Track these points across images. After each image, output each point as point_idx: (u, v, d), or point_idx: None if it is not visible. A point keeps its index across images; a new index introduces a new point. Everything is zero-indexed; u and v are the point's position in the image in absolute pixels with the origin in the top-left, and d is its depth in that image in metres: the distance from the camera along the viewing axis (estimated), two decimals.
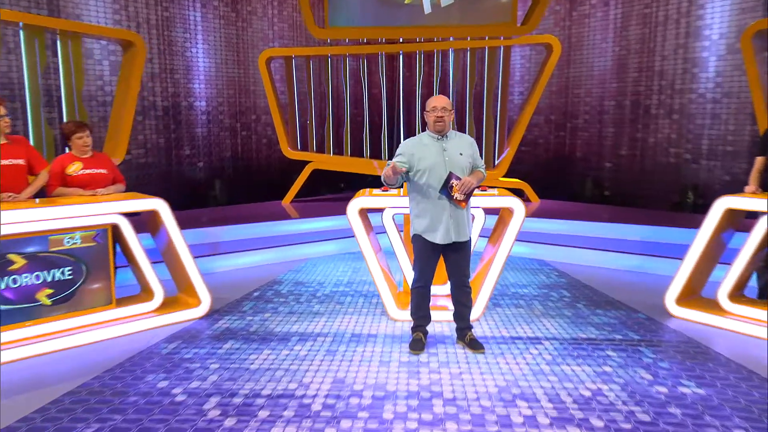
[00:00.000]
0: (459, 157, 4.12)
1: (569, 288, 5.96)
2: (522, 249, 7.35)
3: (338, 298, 5.66)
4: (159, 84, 9.41)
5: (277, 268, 6.79)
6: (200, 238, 7.20)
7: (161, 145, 9.52)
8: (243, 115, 10.63)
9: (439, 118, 4.11)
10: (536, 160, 11.21)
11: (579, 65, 10.56)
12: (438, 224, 4.10)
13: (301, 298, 5.66)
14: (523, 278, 6.35)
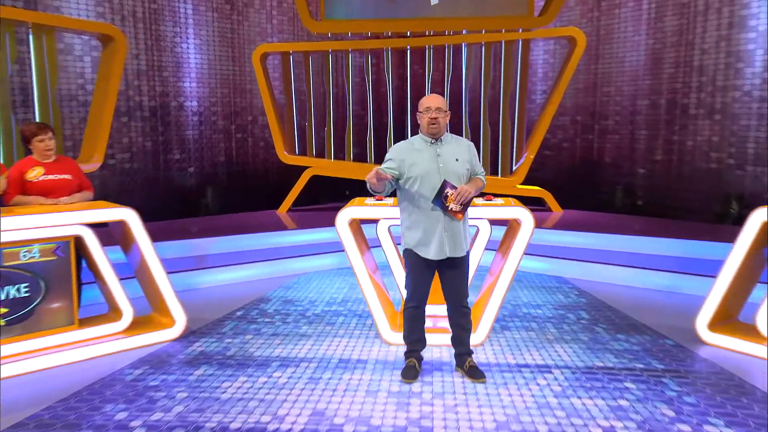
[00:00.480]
0: (455, 164, 4.02)
1: (589, 309, 5.82)
2: (539, 264, 7.23)
3: (329, 318, 5.59)
4: (146, 82, 9.44)
5: (266, 284, 6.74)
6: (185, 250, 7.17)
7: (148, 148, 9.53)
8: (238, 117, 10.61)
9: (433, 120, 4.01)
10: (560, 165, 11.05)
11: (608, 60, 10.40)
12: (431, 238, 4.00)
13: (289, 318, 5.59)
14: (538, 297, 6.23)
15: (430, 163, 4.01)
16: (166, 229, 8.15)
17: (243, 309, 5.87)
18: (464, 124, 9.52)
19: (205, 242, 7.32)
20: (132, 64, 9.24)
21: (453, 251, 4.01)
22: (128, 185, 9.27)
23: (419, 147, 4.07)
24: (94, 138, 7.18)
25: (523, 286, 6.68)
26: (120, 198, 9.05)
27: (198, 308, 5.89)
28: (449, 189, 3.89)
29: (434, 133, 4.05)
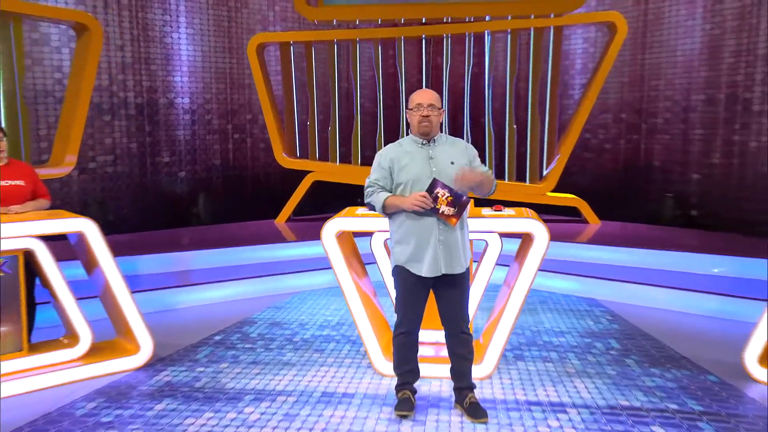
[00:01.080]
0: (450, 167, 3.92)
1: (621, 337, 5.66)
2: (568, 284, 7.12)
3: (319, 344, 5.51)
4: (132, 76, 9.48)
5: (254, 304, 6.71)
6: (167, 265, 7.17)
7: (133, 150, 9.56)
8: (235, 115, 10.61)
9: (424, 119, 3.93)
10: (601, 170, 10.82)
11: (658, 49, 10.16)
12: (424, 251, 3.90)
13: (273, 343, 5.53)
14: (563, 322, 6.10)
15: (421, 167, 3.91)
16: (149, 240, 8.17)
17: (223, 333, 5.82)
18: (487, 123, 9.37)
19: (190, 256, 7.32)
20: (116, 57, 9.30)
21: (449, 267, 3.91)
22: (111, 191, 9.31)
23: (409, 149, 3.99)
24: (67, 138, 7.21)
25: (547, 308, 6.55)
26: (102, 206, 9.10)
27: (173, 331, 5.86)
28: (440, 189, 3.77)
29: (425, 133, 3.96)
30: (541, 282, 7.24)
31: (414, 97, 3.99)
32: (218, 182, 10.46)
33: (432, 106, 3.93)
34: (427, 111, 3.92)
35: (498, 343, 4.70)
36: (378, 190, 3.98)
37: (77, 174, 9.00)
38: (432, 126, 3.94)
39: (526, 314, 6.33)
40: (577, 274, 7.09)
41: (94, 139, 9.17)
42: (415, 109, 3.95)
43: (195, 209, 9.83)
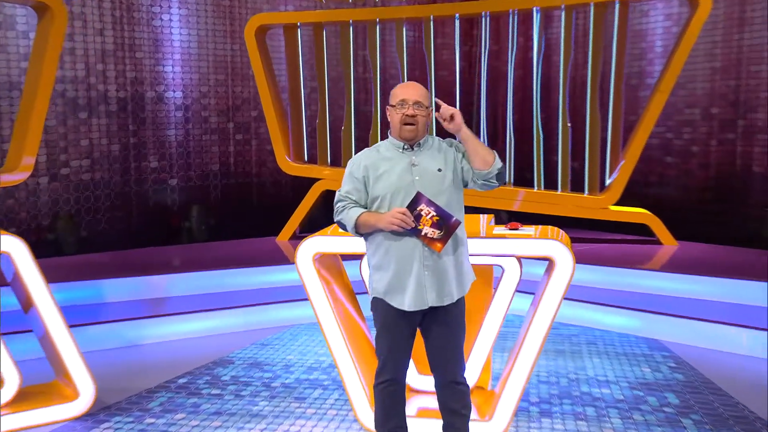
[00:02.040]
0: (437, 177, 3.78)
1: (683, 390, 5.46)
2: (627, 321, 6.96)
3: (301, 391, 5.45)
4: (113, 66, 9.59)
5: (235, 340, 6.69)
6: (135, 291, 7.19)
7: (115, 154, 9.65)
8: (238, 112, 10.62)
9: (409, 119, 3.78)
10: (685, 178, 10.48)
11: (759, 27, 9.81)
12: (405, 280, 3.78)
13: (246, 389, 5.49)
14: (612, 369, 5.93)
15: (401, 177, 3.79)
16: (126, 261, 8.22)
17: (190, 375, 5.80)
18: (535, 121, 9.17)
19: (164, 281, 7.34)
20: (95, 43, 9.42)
21: (438, 298, 3.78)
22: (86, 202, 9.40)
23: (388, 154, 3.87)
24: (24, 136, 7.26)
25: (595, 351, 6.37)
26: (74, 220, 9.19)
27: (130, 372, 5.87)
28: (424, 205, 3.61)
29: (410, 137, 3.81)
30: (592, 317, 7.11)
31: (396, 91, 3.87)
32: (216, 192, 10.47)
33: (418, 104, 3.79)
34: (413, 110, 3.78)
35: (512, 393, 4.56)
36: (350, 205, 3.86)
37: (47, 181, 9.12)
38: (418, 130, 3.80)
39: (567, 358, 6.18)
40: (638, 309, 6.92)
41: (67, 140, 9.28)
42: (397, 107, 3.81)
43: (187, 224, 9.85)
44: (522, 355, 4.52)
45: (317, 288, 4.70)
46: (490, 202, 8.85)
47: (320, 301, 4.71)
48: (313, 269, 4.68)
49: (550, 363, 6.01)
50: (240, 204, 10.64)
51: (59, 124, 9.20)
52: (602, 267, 7.68)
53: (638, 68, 10.84)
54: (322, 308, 4.71)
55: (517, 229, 4.67)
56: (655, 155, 10.59)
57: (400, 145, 3.84)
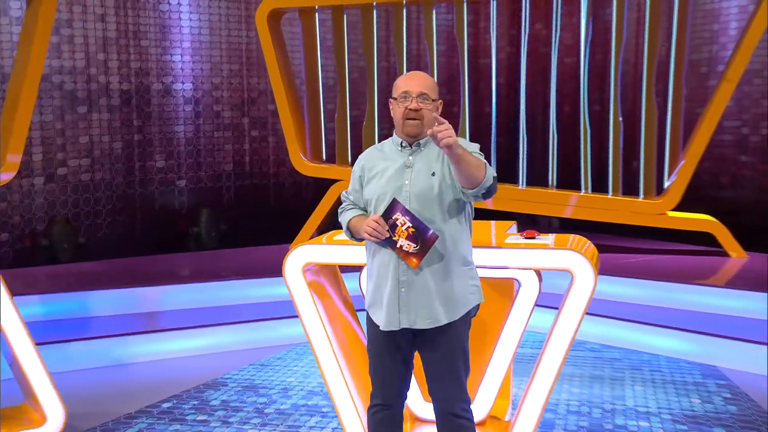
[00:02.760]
0: (429, 182, 3.68)
1: (735, 425, 5.31)
2: (680, 344, 6.81)
3: (297, 418, 5.42)
4: (116, 56, 9.70)
5: (233, 360, 6.70)
6: (128, 304, 7.25)
7: (117, 152, 9.76)
8: (254, 105, 10.66)
9: (412, 113, 3.69)
10: (762, 180, 10.22)
11: None
12: (381, 295, 3.75)
13: (236, 415, 5.47)
14: (656, 399, 5.78)
15: (391, 180, 3.71)
16: (124, 269, 8.32)
17: (177, 398, 5.81)
18: (582, 115, 9.02)
19: (158, 293, 7.39)
20: (95, 30, 9.53)
21: (414, 320, 3.69)
22: (86, 205, 9.51)
23: (390, 155, 3.80)
24: (8, 134, 7.37)
25: (640, 378, 6.23)
26: (71, 224, 9.31)
27: (114, 394, 5.92)
28: (399, 215, 3.53)
29: (413, 133, 3.72)
30: (640, 339, 6.97)
31: (399, 82, 3.77)
32: (229, 194, 10.53)
33: (424, 96, 3.69)
34: (418, 103, 3.68)
35: (526, 424, 4.44)
36: (348, 206, 3.88)
37: (43, 182, 9.25)
38: (423, 124, 3.70)
39: (605, 385, 6.05)
40: (693, 331, 6.76)
41: (65, 137, 9.41)
42: (399, 100, 3.72)
43: (195, 230, 9.91)
44: (537, 382, 4.41)
45: (307, 303, 4.64)
46: (530, 207, 8.76)
47: (311, 317, 4.65)
48: (303, 282, 4.64)
49: (584, 391, 5.89)
50: (255, 208, 10.66)
51: (56, 119, 9.33)
52: (654, 281, 7.55)
53: (708, 54, 10.62)
54: (313, 326, 4.65)
55: (533, 238, 4.56)
56: (728, 153, 10.36)
57: (399, 142, 3.77)
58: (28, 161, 9.12)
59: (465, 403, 3.83)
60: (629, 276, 7.71)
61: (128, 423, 5.33)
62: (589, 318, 7.14)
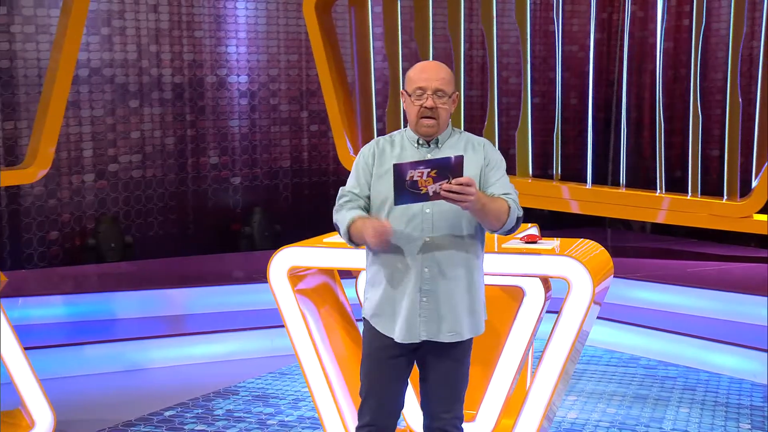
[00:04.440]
0: None
1: None
2: (744, 363, 6.57)
3: (299, 431, 5.45)
4: (168, 48, 9.85)
5: (252, 367, 6.75)
6: (157, 307, 7.38)
7: (169, 148, 9.92)
8: (314, 98, 10.66)
9: (428, 112, 3.58)
10: None
11: None
12: (397, 304, 3.62)
13: (235, 427, 5.51)
14: (698, 421, 5.62)
15: None
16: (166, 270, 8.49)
17: (182, 406, 5.89)
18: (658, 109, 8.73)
19: (184, 295, 7.54)
20: (147, 21, 9.70)
21: (434, 331, 3.60)
22: (137, 203, 9.70)
23: (404, 152, 3.65)
24: (40, 130, 7.58)
25: (688, 399, 6.05)
26: (124, 221, 9.51)
27: (120, 400, 6.03)
28: (411, 171, 3.34)
29: (428, 134, 3.62)
30: (701, 356, 6.77)
31: (412, 75, 3.64)
32: (286, 192, 10.57)
33: (440, 92, 3.56)
34: (433, 100, 3.56)
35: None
36: (349, 204, 3.67)
37: (93, 179, 9.47)
38: (439, 126, 3.61)
39: (647, 405, 5.89)
40: (762, 349, 6.45)
41: (116, 132, 9.60)
42: (413, 96, 3.60)
43: (248, 230, 9.98)
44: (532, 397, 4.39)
45: (293, 311, 4.62)
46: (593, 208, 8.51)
47: (297, 327, 4.63)
48: (288, 287, 4.62)
49: (620, 411, 5.71)
50: (314, 207, 10.64)
51: (107, 114, 9.51)
52: (724, 292, 7.26)
53: None
54: (299, 336, 4.64)
55: (534, 242, 4.46)
56: None
57: (415, 138, 3.65)
58: (78, 157, 9.36)
59: (460, 421, 3.78)
60: (697, 286, 7.43)
61: (129, 428, 5.44)
62: (647, 332, 7.03)
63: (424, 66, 3.66)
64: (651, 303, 7.53)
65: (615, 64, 11.41)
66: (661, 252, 9.47)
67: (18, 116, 8.94)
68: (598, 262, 4.33)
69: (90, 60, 9.35)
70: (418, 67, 3.66)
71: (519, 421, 4.39)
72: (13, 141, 8.90)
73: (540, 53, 11.40)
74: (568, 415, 5.63)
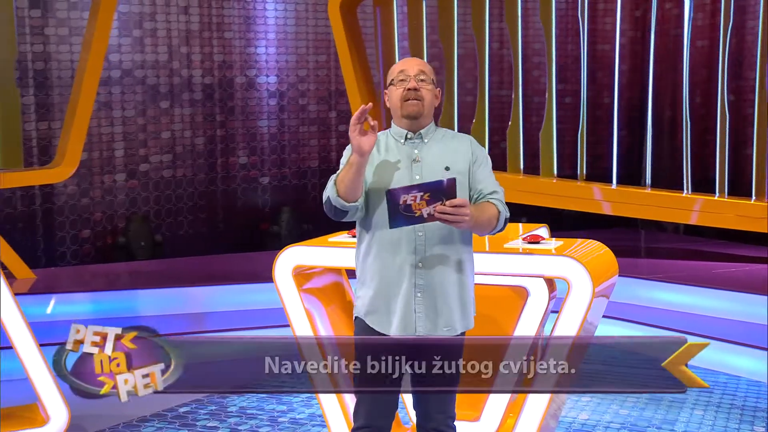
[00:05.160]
0: (443, 175, 3.54)
1: None
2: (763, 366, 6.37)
3: (308, 429, 5.48)
4: (198, 49, 9.95)
5: None
6: (179, 304, 7.42)
7: (199, 148, 10.01)
8: (342, 98, 10.69)
9: (413, 93, 3.56)
10: None
11: None
12: (391, 301, 3.62)
13: (246, 424, 5.56)
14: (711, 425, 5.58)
15: (401, 174, 3.57)
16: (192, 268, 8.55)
17: (198, 402, 5.92)
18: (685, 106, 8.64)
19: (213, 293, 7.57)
20: (178, 23, 9.81)
21: (430, 326, 3.60)
22: (168, 202, 9.81)
23: (391, 151, 3.65)
24: (68, 132, 7.71)
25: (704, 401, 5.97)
26: (155, 220, 9.61)
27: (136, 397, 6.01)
28: (404, 195, 3.35)
29: (413, 115, 3.57)
30: (720, 359, 6.56)
31: (394, 67, 3.69)
32: (314, 192, 10.62)
33: (423, 74, 3.59)
34: (416, 82, 3.57)
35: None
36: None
37: (124, 179, 9.60)
38: (423, 106, 3.57)
39: (661, 407, 5.81)
40: None
41: (146, 132, 9.72)
42: (396, 82, 3.61)
43: (276, 229, 10.04)
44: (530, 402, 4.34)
45: (297, 310, 4.65)
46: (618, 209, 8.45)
47: (301, 325, 4.66)
48: (292, 286, 4.64)
49: (633, 413, 5.66)
50: None
51: (138, 114, 9.64)
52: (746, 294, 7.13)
53: None
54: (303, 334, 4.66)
55: (537, 243, 4.43)
56: None
57: (402, 134, 3.63)
58: (110, 157, 9.50)
59: (452, 420, 3.78)
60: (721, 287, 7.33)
61: (138, 426, 5.49)
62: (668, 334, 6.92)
63: (404, 59, 3.73)
64: (673, 304, 7.43)
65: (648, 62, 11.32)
66: (690, 253, 9.36)
67: (52, 117, 9.08)
68: (600, 263, 4.30)
69: (122, 62, 9.48)
70: (398, 62, 3.75)
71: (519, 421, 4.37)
72: (47, 141, 9.03)
73: (572, 52, 11.27)
74: (579, 416, 5.60)
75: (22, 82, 8.89)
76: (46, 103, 9.11)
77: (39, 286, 7.56)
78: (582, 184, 8.77)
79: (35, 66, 9.05)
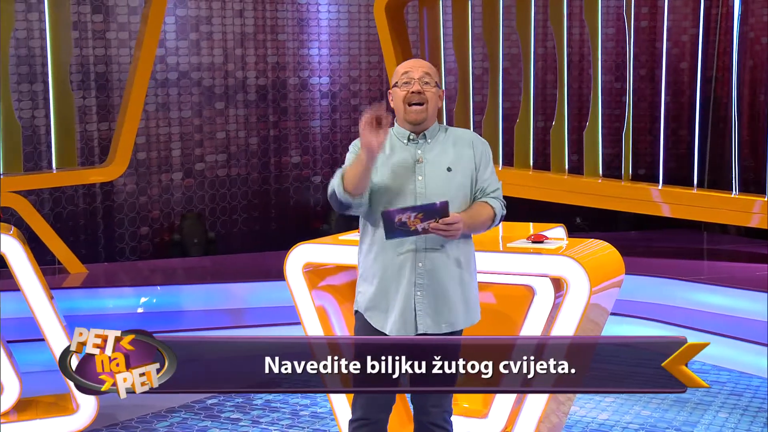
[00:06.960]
0: (444, 178, 3.58)
1: None
2: None
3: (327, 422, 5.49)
4: (253, 51, 10.08)
5: None
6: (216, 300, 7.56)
7: (253, 147, 10.15)
8: None
9: (416, 97, 3.59)
10: None
11: None
12: (391, 299, 3.65)
13: (270, 416, 5.64)
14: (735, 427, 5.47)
15: (404, 175, 3.60)
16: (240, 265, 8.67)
17: (225, 395, 5.97)
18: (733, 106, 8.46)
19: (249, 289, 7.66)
20: (233, 26, 9.95)
21: (433, 323, 3.62)
22: (222, 201, 9.97)
23: (395, 150, 3.66)
24: (119, 132, 7.90)
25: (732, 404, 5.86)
26: (209, 218, 9.79)
27: None
28: (399, 215, 3.40)
29: (417, 121, 3.60)
30: (754, 362, 6.47)
31: (398, 69, 3.71)
32: None
33: (427, 76, 3.61)
34: (420, 85, 3.59)
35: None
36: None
37: (181, 177, 9.79)
38: (427, 109, 3.59)
39: (684, 409, 5.71)
40: None
41: (202, 132, 9.89)
42: (400, 84, 3.63)
43: (326, 227, 10.12)
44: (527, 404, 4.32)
45: (307, 307, 4.68)
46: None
47: (311, 322, 4.68)
48: (303, 284, 4.68)
49: (654, 414, 5.57)
50: None
51: (194, 115, 9.82)
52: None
53: None
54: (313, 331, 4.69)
55: (541, 242, 4.41)
56: None
57: (405, 134, 3.65)
58: (167, 157, 9.71)
59: (449, 415, 3.78)
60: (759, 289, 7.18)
61: (165, 417, 5.60)
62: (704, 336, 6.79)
63: (408, 60, 3.72)
64: (712, 306, 7.29)
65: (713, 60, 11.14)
66: (743, 255, 9.15)
67: (113, 118, 9.29)
68: (602, 263, 4.25)
69: (179, 64, 9.67)
70: (406, 61, 3.73)
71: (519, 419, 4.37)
72: (108, 141, 9.23)
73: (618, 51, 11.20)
74: (599, 416, 5.53)
75: (84, 84, 9.17)
76: (107, 105, 9.35)
77: (89, 281, 7.76)
78: (627, 184, 8.64)
79: (97, 69, 9.29)
